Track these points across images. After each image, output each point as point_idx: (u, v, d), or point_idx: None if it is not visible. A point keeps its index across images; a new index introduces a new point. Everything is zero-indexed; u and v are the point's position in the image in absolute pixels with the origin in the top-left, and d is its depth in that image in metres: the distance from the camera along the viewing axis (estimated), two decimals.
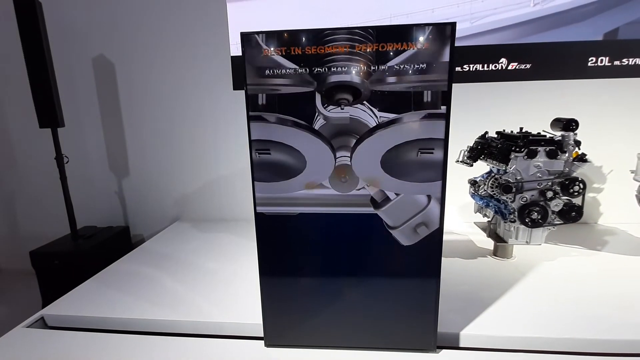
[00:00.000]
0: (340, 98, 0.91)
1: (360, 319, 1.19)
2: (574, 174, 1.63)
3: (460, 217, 2.34)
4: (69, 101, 2.40)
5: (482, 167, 1.84)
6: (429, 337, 1.18)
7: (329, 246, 1.15)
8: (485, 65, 2.20)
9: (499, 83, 2.21)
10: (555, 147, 1.60)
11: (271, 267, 1.18)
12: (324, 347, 1.22)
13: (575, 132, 1.63)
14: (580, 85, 2.16)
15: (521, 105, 2.19)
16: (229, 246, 2.13)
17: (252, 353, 1.23)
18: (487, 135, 1.85)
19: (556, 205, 1.61)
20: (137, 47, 2.40)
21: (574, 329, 1.25)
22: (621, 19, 2.06)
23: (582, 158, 1.63)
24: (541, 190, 1.62)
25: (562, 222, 1.64)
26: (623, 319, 1.30)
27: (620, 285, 1.54)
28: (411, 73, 0.97)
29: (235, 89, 2.39)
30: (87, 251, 2.16)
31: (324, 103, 0.94)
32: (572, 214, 1.61)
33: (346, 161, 0.98)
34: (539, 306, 1.40)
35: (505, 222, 1.71)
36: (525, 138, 1.62)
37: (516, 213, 1.64)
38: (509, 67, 2.19)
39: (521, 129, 1.74)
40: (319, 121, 0.96)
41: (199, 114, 2.47)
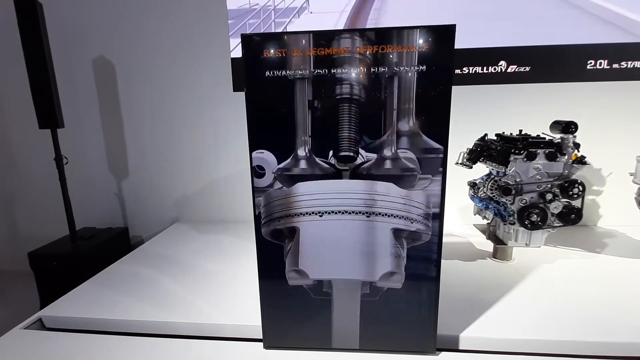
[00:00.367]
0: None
1: (359, 321, 1.19)
2: (574, 176, 1.63)
3: (459, 219, 2.34)
4: (69, 102, 2.40)
5: (481, 169, 1.84)
6: (428, 339, 1.18)
7: (328, 247, 1.14)
8: (485, 67, 2.20)
9: (498, 85, 2.22)
10: (554, 150, 1.61)
11: (270, 268, 1.17)
12: (323, 349, 1.22)
13: (574, 134, 1.63)
14: (579, 88, 2.17)
15: (520, 108, 2.20)
16: (229, 247, 2.12)
17: (251, 355, 1.22)
18: (487, 138, 1.86)
19: (556, 207, 1.61)
20: (137, 48, 2.41)
21: (573, 332, 1.25)
22: None
23: (581, 160, 1.63)
24: (540, 193, 1.62)
25: (561, 224, 1.64)
26: (623, 321, 1.30)
27: (619, 288, 1.54)
28: (410, 75, 0.98)
29: (235, 91, 2.39)
30: (85, 252, 2.15)
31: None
32: (571, 217, 1.61)
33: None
34: (538, 308, 1.39)
35: (504, 224, 1.71)
36: (525, 140, 1.63)
37: (515, 215, 1.64)
38: (508, 70, 2.20)
39: (520, 131, 1.75)
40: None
41: (199, 115, 2.47)
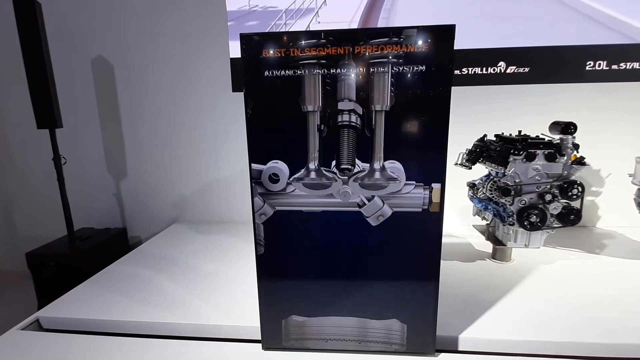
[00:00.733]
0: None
1: (358, 322, 1.18)
2: (573, 177, 1.63)
3: (459, 219, 2.34)
4: (68, 102, 2.40)
5: (481, 170, 1.84)
6: (427, 340, 1.18)
7: (327, 249, 1.14)
8: (484, 68, 2.20)
9: (497, 86, 2.22)
10: (553, 150, 1.60)
11: (269, 269, 1.17)
12: (322, 350, 1.21)
13: (573, 135, 1.63)
14: (578, 88, 2.17)
15: (519, 109, 2.20)
16: (227, 248, 2.12)
17: (249, 356, 1.22)
18: (486, 138, 1.86)
19: (555, 208, 1.61)
20: (136, 48, 2.40)
21: (572, 333, 1.25)
22: None
23: (580, 161, 1.63)
24: (540, 193, 1.62)
25: (560, 225, 1.64)
26: (622, 322, 1.29)
27: (619, 289, 1.53)
28: (410, 76, 0.98)
29: (234, 91, 2.39)
30: (83, 253, 2.14)
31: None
32: (570, 217, 1.61)
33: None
34: (537, 309, 1.39)
35: (504, 225, 1.71)
36: (524, 141, 1.63)
37: (515, 216, 1.63)
38: (508, 71, 2.20)
39: (520, 132, 1.75)
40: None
41: (197, 115, 2.46)
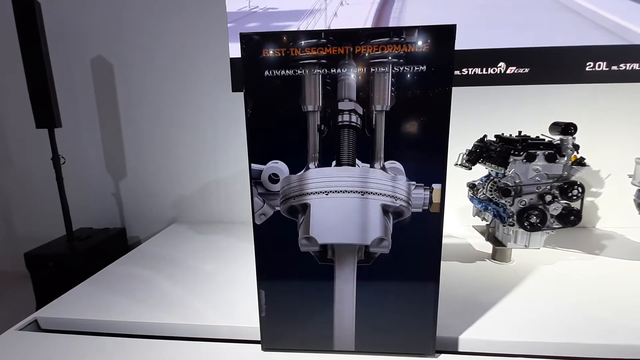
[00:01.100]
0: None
1: (358, 322, 1.18)
2: (573, 178, 1.63)
3: (458, 220, 2.34)
4: (67, 102, 2.39)
5: (481, 171, 1.84)
6: (427, 341, 1.17)
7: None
8: (484, 69, 2.20)
9: (497, 87, 2.21)
10: (554, 151, 1.60)
11: (269, 270, 1.16)
12: (321, 351, 1.21)
13: (573, 136, 1.63)
14: (578, 89, 2.17)
15: (519, 109, 2.20)
16: (227, 249, 2.11)
17: (248, 357, 1.21)
18: (486, 139, 1.85)
19: (555, 209, 1.61)
20: (136, 48, 2.40)
21: (572, 333, 1.24)
22: None
23: (580, 162, 1.63)
24: (540, 194, 1.62)
25: (560, 226, 1.63)
26: (622, 323, 1.29)
27: (619, 289, 1.53)
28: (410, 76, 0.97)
29: (234, 91, 2.38)
30: (82, 253, 2.14)
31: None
32: (570, 218, 1.61)
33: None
34: (537, 310, 1.39)
35: (504, 226, 1.71)
36: (524, 141, 1.62)
37: (515, 217, 1.63)
38: (508, 71, 2.20)
39: (520, 132, 1.75)
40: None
41: (197, 115, 2.46)
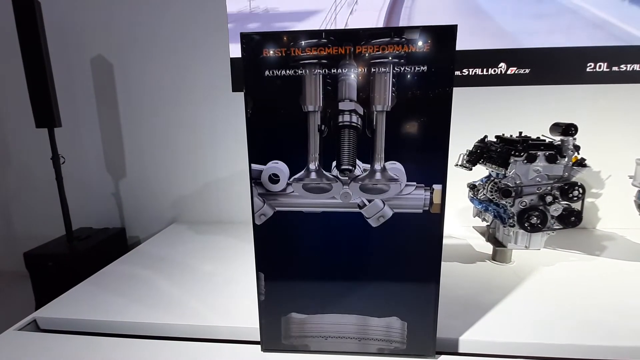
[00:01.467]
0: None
1: (358, 323, 1.17)
2: (573, 179, 1.63)
3: (459, 221, 2.34)
4: (67, 101, 2.39)
5: (481, 171, 1.84)
6: (427, 342, 1.17)
7: (327, 250, 1.13)
8: (485, 69, 2.20)
9: (498, 87, 2.21)
10: (554, 152, 1.60)
11: (268, 270, 1.16)
12: (321, 352, 1.20)
13: (574, 137, 1.62)
14: (579, 90, 2.17)
15: (520, 110, 2.19)
16: (226, 249, 2.11)
17: (248, 357, 1.21)
18: (487, 139, 1.85)
19: (555, 209, 1.61)
20: (135, 47, 2.39)
21: (573, 335, 1.24)
22: None
23: (581, 163, 1.63)
24: (540, 195, 1.61)
25: (561, 226, 1.63)
26: (623, 324, 1.29)
27: (619, 291, 1.53)
28: (410, 77, 0.97)
29: (234, 91, 2.38)
30: (81, 253, 2.13)
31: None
32: (571, 219, 1.61)
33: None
34: (538, 311, 1.39)
35: (504, 227, 1.70)
36: (525, 142, 1.62)
37: (515, 217, 1.63)
38: (508, 72, 2.19)
39: (520, 133, 1.74)
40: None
41: (197, 115, 2.45)
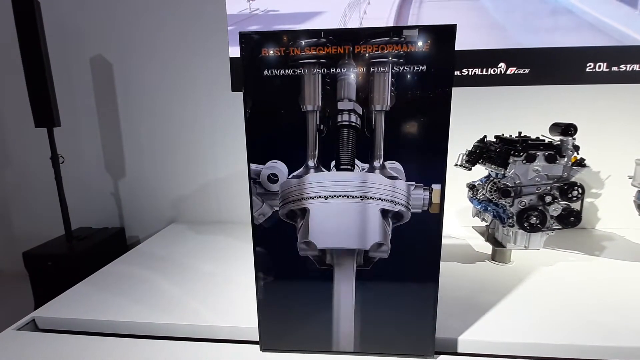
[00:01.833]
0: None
1: (357, 323, 1.17)
2: (573, 179, 1.63)
3: (458, 221, 2.34)
4: (66, 101, 2.39)
5: (480, 171, 1.84)
6: (426, 342, 1.17)
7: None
8: (484, 69, 2.20)
9: (497, 87, 2.21)
10: (554, 152, 1.60)
11: (267, 270, 1.16)
12: (320, 352, 1.20)
13: (574, 137, 1.62)
14: (578, 90, 2.17)
15: (520, 110, 2.19)
16: (225, 249, 2.11)
17: (247, 357, 1.21)
18: (486, 139, 1.85)
19: (555, 210, 1.61)
20: (135, 47, 2.39)
21: (572, 335, 1.24)
22: None
23: (580, 163, 1.63)
24: (540, 195, 1.61)
25: (560, 227, 1.63)
26: (622, 324, 1.29)
27: (618, 291, 1.53)
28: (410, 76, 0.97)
29: (233, 91, 2.38)
30: (81, 253, 2.13)
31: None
32: (570, 219, 1.61)
33: None
34: (537, 311, 1.38)
35: (503, 227, 1.70)
36: (524, 142, 1.62)
37: (515, 217, 1.63)
38: (508, 72, 2.19)
39: (520, 133, 1.74)
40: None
41: (196, 115, 2.45)
